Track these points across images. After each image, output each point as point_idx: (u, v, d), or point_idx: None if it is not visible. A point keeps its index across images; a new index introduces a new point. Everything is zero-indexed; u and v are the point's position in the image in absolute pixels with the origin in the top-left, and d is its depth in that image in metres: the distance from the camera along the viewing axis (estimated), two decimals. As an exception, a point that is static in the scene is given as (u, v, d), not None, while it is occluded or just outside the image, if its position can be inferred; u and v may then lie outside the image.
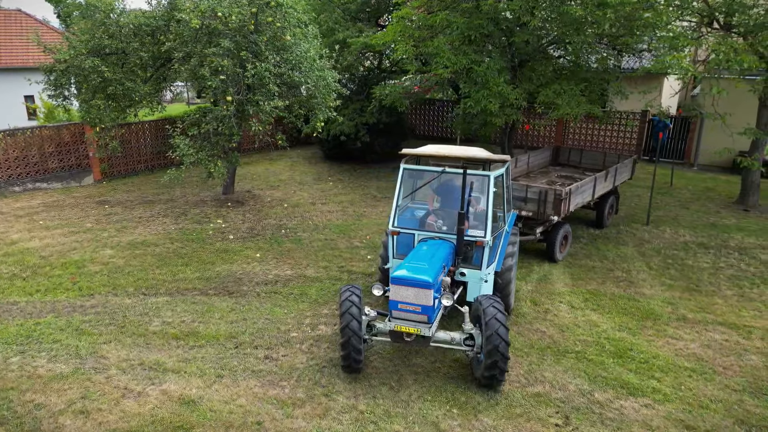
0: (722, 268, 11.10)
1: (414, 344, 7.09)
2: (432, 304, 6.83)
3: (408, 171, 8.59)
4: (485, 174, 8.10)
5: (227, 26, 11.14)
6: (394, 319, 6.99)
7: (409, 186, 8.70)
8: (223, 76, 10.97)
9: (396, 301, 6.92)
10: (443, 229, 8.23)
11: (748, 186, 15.03)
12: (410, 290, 6.81)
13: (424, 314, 6.83)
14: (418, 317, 6.87)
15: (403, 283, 6.84)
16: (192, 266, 11.00)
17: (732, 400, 6.85)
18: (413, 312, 6.86)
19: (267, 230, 13.14)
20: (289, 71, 11.35)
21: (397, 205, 8.36)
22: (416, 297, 6.80)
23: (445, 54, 12.64)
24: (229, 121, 11.41)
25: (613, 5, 11.08)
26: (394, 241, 8.43)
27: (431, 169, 8.45)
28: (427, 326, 6.86)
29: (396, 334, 6.99)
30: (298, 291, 9.94)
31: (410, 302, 6.84)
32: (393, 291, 6.93)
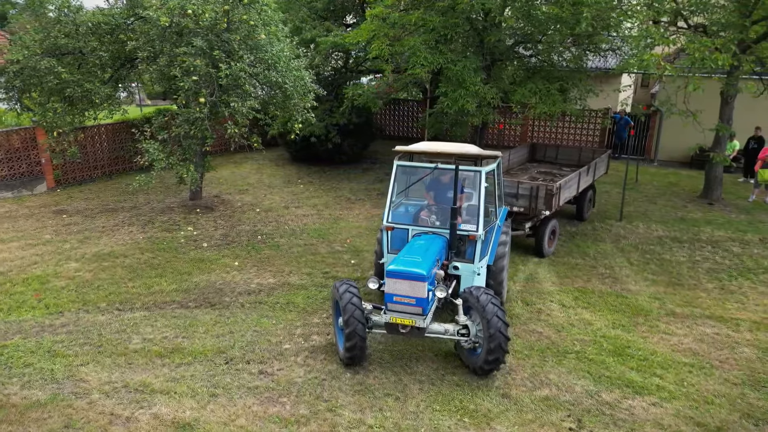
0: (699, 262, 11.36)
1: (409, 336, 7.25)
2: (426, 297, 7.01)
3: (401, 167, 8.69)
4: (477, 169, 8.23)
5: (198, 24, 10.62)
6: (389, 311, 7.18)
7: (402, 182, 8.87)
8: (195, 77, 10.44)
9: (391, 294, 7.10)
10: (436, 224, 8.42)
11: (712, 180, 15.52)
12: (405, 283, 7.00)
13: (419, 306, 7.01)
14: (412, 309, 7.05)
15: (397, 276, 7.02)
16: (167, 277, 10.42)
17: (734, 395, 6.94)
18: (408, 304, 7.05)
19: (242, 237, 12.64)
20: (265, 71, 10.91)
21: (391, 201, 8.51)
22: (411, 289, 6.98)
23: (422, 53, 12.47)
24: (202, 123, 10.88)
25: (589, 4, 11.17)
26: (388, 236, 8.56)
27: (424, 165, 8.60)
28: (421, 318, 7.04)
29: (391, 326, 7.18)
30: (284, 300, 9.55)
31: (405, 295, 7.02)
32: (388, 284, 7.10)
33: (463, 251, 8.22)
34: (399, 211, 8.88)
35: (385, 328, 7.30)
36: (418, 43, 12.48)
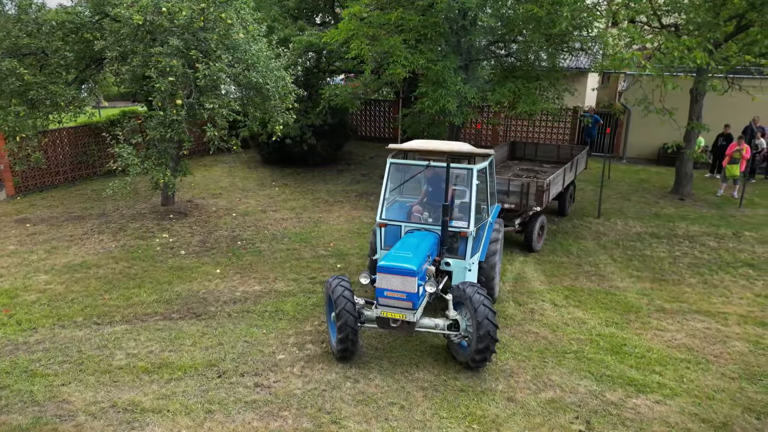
0: (679, 257, 11.58)
1: (400, 330, 7.32)
2: (416, 291, 7.14)
3: (395, 165, 8.86)
4: (468, 167, 8.40)
5: (173, 23, 10.20)
6: (380, 306, 7.31)
7: (395, 180, 8.99)
8: (172, 78, 10.01)
9: (382, 288, 7.23)
10: (429, 221, 8.56)
11: (682, 176, 15.91)
12: (395, 278, 7.12)
13: (409, 301, 7.14)
14: (403, 304, 7.18)
15: (388, 271, 7.15)
16: (146, 288, 9.96)
17: (733, 389, 7.03)
18: (399, 299, 7.17)
19: (221, 243, 12.23)
20: (245, 71, 10.57)
21: (384, 198, 8.65)
22: (401, 284, 7.11)
23: (402, 53, 12.32)
24: (179, 126, 10.45)
25: (568, 3, 11.24)
26: (381, 232, 8.67)
27: (417, 163, 8.81)
28: (411, 312, 7.17)
29: (382, 320, 7.29)
30: (272, 308, 9.24)
31: (396, 289, 7.15)
32: (379, 279, 7.23)
33: (455, 248, 8.37)
34: (392, 208, 9.05)
35: (376, 323, 7.38)
36: (398, 42, 12.32)
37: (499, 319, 8.84)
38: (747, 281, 10.35)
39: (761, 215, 14.29)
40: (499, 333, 8.39)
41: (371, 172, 18.60)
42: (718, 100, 15.82)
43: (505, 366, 7.55)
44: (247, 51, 10.67)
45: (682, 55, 10.42)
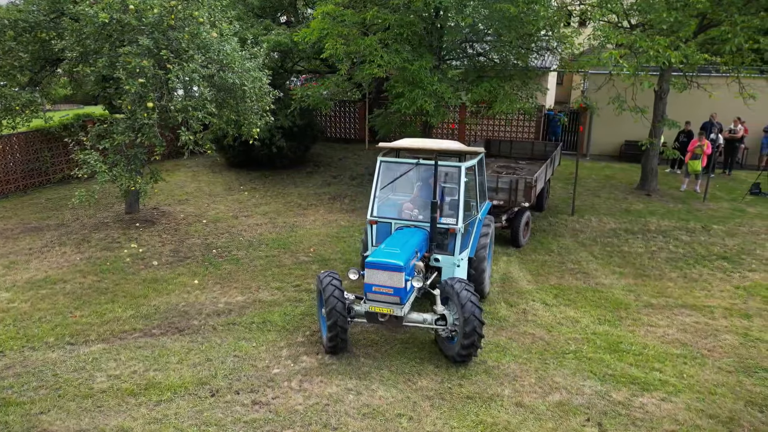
0: (656, 252, 11.81)
1: (388, 324, 7.51)
2: (403, 286, 7.24)
3: (385, 163, 8.94)
4: (457, 165, 8.53)
5: (141, 21, 9.65)
6: (369, 300, 7.44)
7: (386, 178, 9.03)
8: (142, 79, 9.46)
9: (370, 284, 7.35)
10: (419, 217, 8.69)
11: (648, 172, 16.30)
12: (383, 273, 7.25)
13: (397, 296, 7.26)
14: (390, 299, 7.30)
15: (376, 267, 7.28)
16: (120, 303, 9.39)
17: (732, 383, 7.14)
18: (386, 294, 7.29)
19: (195, 251, 11.69)
20: (219, 72, 10.10)
21: (375, 196, 8.74)
22: (389, 279, 7.23)
23: (378, 52, 12.08)
24: (150, 130, 9.90)
25: (543, 3, 11.28)
26: (372, 229, 8.77)
27: (406, 161, 8.96)
28: (399, 307, 7.30)
29: (371, 315, 7.46)
30: (259, 319, 8.85)
31: (383, 284, 7.27)
32: (367, 274, 7.35)
33: (445, 244, 8.47)
34: (385, 206, 9.15)
35: (365, 317, 7.55)
36: (374, 42, 12.08)
37: (493, 321, 8.78)
38: (724, 274, 10.63)
39: (725, 209, 14.78)
40: (497, 336, 8.34)
41: (342, 173, 18.29)
42: (677, 97, 16.31)
43: (508, 369, 7.44)
44: (221, 51, 10.21)
45: (657, 54, 10.63)
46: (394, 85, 12.84)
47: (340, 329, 7.38)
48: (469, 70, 14.16)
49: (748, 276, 10.48)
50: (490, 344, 8.07)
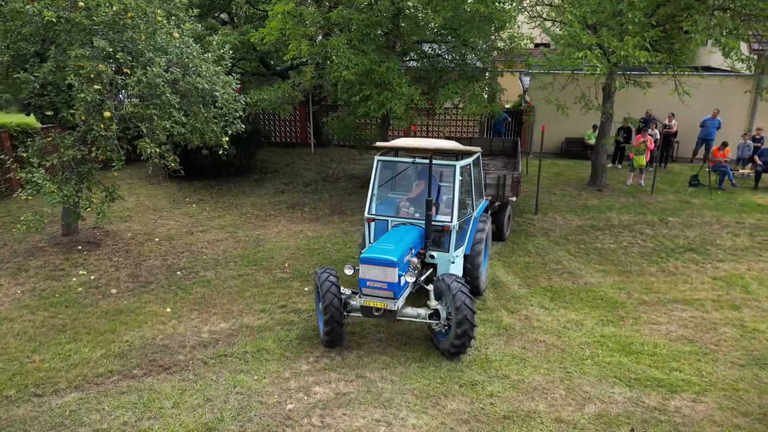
0: (628, 247, 12.08)
1: (382, 318, 7.67)
2: (397, 281, 7.42)
3: (382, 162, 9.12)
4: (452, 164, 8.69)
5: (92, 20, 8.52)
6: (363, 295, 7.62)
7: (384, 177, 9.31)
8: (98, 86, 8.34)
9: (365, 279, 7.53)
10: (416, 215, 8.87)
11: (598, 169, 16.79)
12: (377, 269, 7.41)
13: (390, 290, 7.45)
14: (384, 293, 7.49)
15: (370, 262, 7.45)
16: (85, 341, 8.23)
17: (749, 377, 7.28)
18: (380, 288, 7.47)
19: (157, 275, 10.58)
20: (186, 76, 9.13)
21: (372, 195, 8.93)
22: (382, 275, 7.41)
23: (345, 53, 11.50)
24: (107, 143, 8.78)
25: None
26: (370, 227, 8.92)
27: (403, 160, 9.17)
28: (393, 301, 7.48)
29: (366, 309, 7.63)
30: (252, 348, 8.05)
31: (377, 279, 7.44)
32: (362, 270, 7.53)
33: (441, 241, 8.65)
34: (383, 204, 9.42)
35: (360, 312, 7.72)
36: (341, 42, 11.47)
37: (500, 330, 8.52)
38: (697, 265, 11.02)
39: (672, 200, 15.48)
40: (509, 346, 8.08)
41: (293, 180, 17.45)
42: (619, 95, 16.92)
43: (534, 382, 7.18)
44: (184, 53, 9.23)
45: (627, 54, 10.84)
46: (361, 87, 12.29)
47: (336, 324, 7.62)
48: (430, 71, 13.87)
49: (719, 267, 10.92)
50: (506, 355, 7.79)
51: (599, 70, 10.92)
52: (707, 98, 18.19)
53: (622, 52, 10.88)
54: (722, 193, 16.05)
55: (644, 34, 11.11)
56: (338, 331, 7.73)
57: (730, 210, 14.46)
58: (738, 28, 11.09)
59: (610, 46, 11.24)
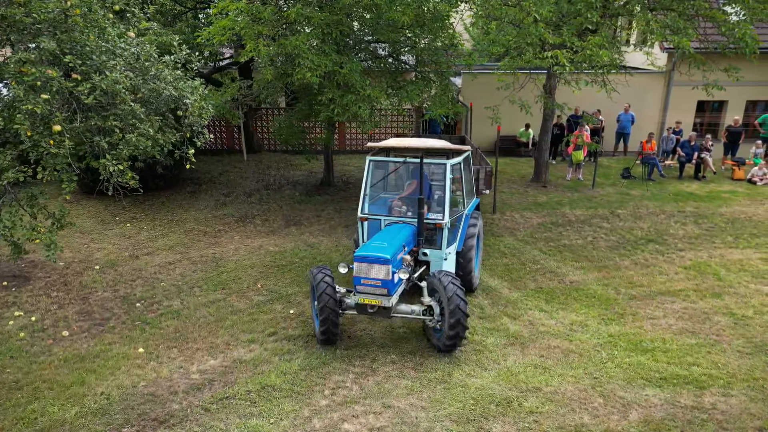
0: (594, 242, 12.34)
1: (376, 315, 7.75)
2: (390, 278, 7.49)
3: (374, 162, 9.24)
4: (443, 162, 8.85)
5: (34, 17, 7.17)
6: (358, 293, 7.71)
7: (376, 176, 9.42)
8: (46, 95, 7.03)
9: (359, 276, 7.61)
10: (408, 214, 9.00)
11: (541, 165, 17.18)
12: (371, 266, 7.50)
13: (384, 287, 7.54)
14: (378, 290, 7.58)
15: (364, 260, 7.53)
16: (49, 399, 6.91)
17: (760, 365, 7.53)
18: (374, 286, 7.55)
19: (113, 309, 9.24)
20: (149, 83, 7.96)
21: (365, 194, 9.07)
22: (376, 272, 7.50)
23: (307, 55, 10.72)
24: (57, 161, 7.45)
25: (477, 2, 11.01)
26: (363, 226, 9.04)
27: (394, 159, 9.33)
28: (387, 298, 7.58)
29: (361, 307, 7.70)
30: (255, 386, 7.16)
31: (371, 277, 7.53)
32: (356, 268, 7.61)
33: (433, 239, 8.79)
34: (377, 203, 9.56)
35: (355, 309, 7.77)
36: (302, 42, 10.67)
37: (509, 338, 8.27)
38: (663, 256, 11.45)
39: (612, 193, 16.14)
40: (526, 355, 7.84)
41: (233, 190, 16.23)
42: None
43: (567, 392, 6.96)
44: (141, 55, 8.05)
45: (592, 53, 11.02)
46: (322, 90, 11.54)
47: (331, 323, 7.67)
48: (384, 73, 13.40)
49: (683, 256, 11.42)
50: (528, 366, 7.53)
51: (567, 69, 11.00)
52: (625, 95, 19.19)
53: (588, 52, 11.06)
54: (653, 183, 16.99)
55: (603, 33, 11.38)
56: (333, 330, 7.76)
57: (667, 199, 15.32)
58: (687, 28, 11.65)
59: (574, 46, 11.39)
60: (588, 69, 12.48)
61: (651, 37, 12.98)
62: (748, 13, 12.26)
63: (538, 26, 10.93)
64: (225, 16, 11.04)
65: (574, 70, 11.29)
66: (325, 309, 7.59)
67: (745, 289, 9.81)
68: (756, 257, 11.22)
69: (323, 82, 11.35)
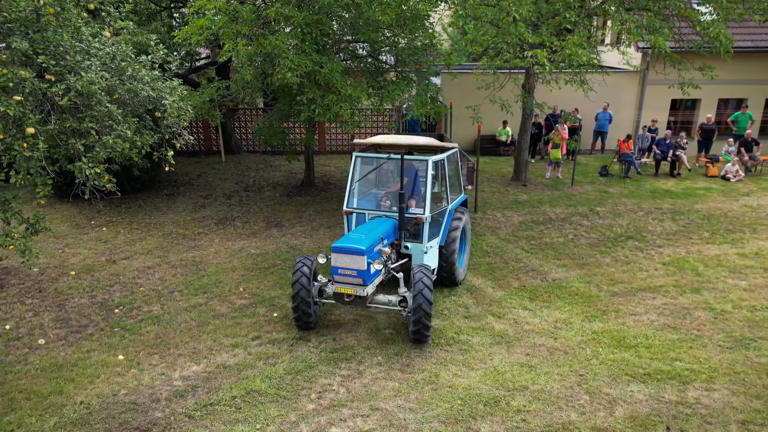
0: (574, 239, 12.44)
1: (353, 305, 8.03)
2: (366, 269, 7.81)
3: (360, 158, 9.57)
4: (424, 159, 9.13)
5: (3, 16, 6.96)
6: (335, 282, 8.06)
7: (362, 172, 9.69)
8: (19, 96, 6.81)
9: (336, 267, 7.95)
10: (393, 209, 9.26)
11: (521, 164, 17.29)
12: (347, 257, 7.84)
13: (360, 277, 7.85)
14: (354, 280, 7.89)
15: (340, 251, 7.89)
16: (27, 409, 6.70)
17: (741, 359, 7.65)
18: (350, 276, 7.87)
19: (90, 316, 9.01)
20: (120, 82, 7.77)
21: (350, 189, 9.40)
22: (352, 262, 7.82)
23: (287, 54, 10.60)
24: (31, 164, 7.23)
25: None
26: (349, 220, 9.41)
27: (379, 156, 9.59)
28: (362, 287, 7.88)
29: (338, 296, 8.02)
30: (239, 391, 7.04)
31: (347, 267, 7.86)
32: (333, 258, 7.95)
33: (418, 233, 9.08)
34: (365, 198, 9.94)
35: (333, 298, 8.10)
36: (282, 42, 10.54)
37: (495, 338, 8.29)
38: (642, 252, 11.59)
39: (591, 191, 16.32)
40: (512, 354, 7.87)
41: (211, 192, 16.01)
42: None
43: (554, 390, 6.98)
44: (116, 55, 7.86)
45: (571, 53, 11.11)
46: (303, 90, 11.44)
47: (302, 311, 8.09)
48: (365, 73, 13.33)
49: (661, 252, 11.58)
50: (514, 365, 7.55)
51: (548, 69, 11.07)
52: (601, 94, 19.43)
53: (567, 51, 11.14)
54: (630, 181, 17.23)
55: (580, 32, 11.49)
56: (306, 318, 8.14)
57: (645, 196, 15.55)
58: (662, 28, 11.83)
59: (553, 46, 11.48)
60: (567, 68, 12.58)
61: (627, 37, 13.19)
62: (721, 13, 12.49)
63: (517, 26, 10.97)
64: (202, 16, 10.87)
65: (554, 69, 11.35)
66: (296, 297, 8.00)
67: (723, 284, 9.98)
68: (732, 252, 11.43)
69: (303, 82, 11.24)
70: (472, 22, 14.12)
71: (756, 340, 8.11)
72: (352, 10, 11.85)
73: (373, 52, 13.65)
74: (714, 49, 12.60)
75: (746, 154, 18.03)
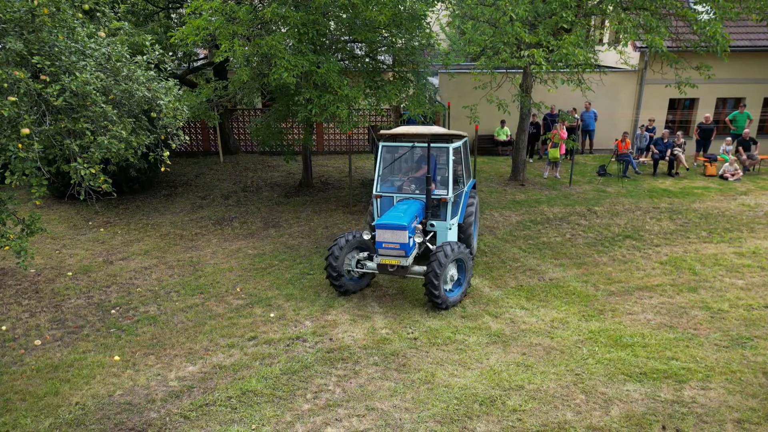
0: (572, 239, 12.44)
1: (395, 273, 9.01)
2: (407, 242, 8.82)
3: (386, 147, 10.43)
4: (446, 146, 10.05)
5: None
6: (380, 255, 9.00)
7: (387, 160, 10.52)
8: (13, 97, 6.81)
9: (381, 241, 8.89)
10: (416, 192, 10.21)
11: (519, 164, 17.28)
12: (390, 232, 8.81)
13: (402, 250, 8.85)
14: (397, 252, 8.88)
15: (384, 227, 8.84)
16: (21, 410, 6.69)
17: (737, 358, 7.64)
18: (393, 248, 8.86)
19: (87, 317, 9.01)
20: (115, 82, 7.77)
21: (379, 175, 10.29)
22: (395, 237, 8.79)
23: (284, 54, 10.60)
24: (26, 165, 7.23)
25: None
26: (378, 203, 10.26)
27: (403, 144, 10.52)
28: (405, 258, 8.89)
29: (382, 267, 9.04)
30: (235, 392, 7.04)
31: (391, 241, 8.82)
32: (378, 234, 8.90)
33: (440, 213, 10.02)
34: (388, 183, 10.62)
35: (377, 269, 9.09)
36: (278, 42, 10.54)
37: (491, 337, 8.30)
38: (640, 252, 11.59)
39: (589, 190, 16.32)
40: (509, 353, 7.87)
41: (209, 193, 16.01)
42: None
43: (550, 389, 6.97)
44: (112, 56, 7.86)
45: (568, 53, 11.11)
46: (299, 90, 11.43)
47: (332, 277, 9.26)
48: (362, 73, 13.33)
49: (659, 251, 11.57)
50: (511, 364, 7.54)
51: (544, 68, 11.07)
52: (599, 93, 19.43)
53: (564, 51, 11.14)
54: (628, 180, 17.23)
55: (577, 32, 11.49)
56: (334, 281, 9.30)
57: (642, 196, 15.54)
58: (659, 27, 11.82)
59: (550, 45, 11.47)
60: (564, 68, 12.57)
61: (624, 36, 13.19)
62: (718, 12, 12.49)
63: (514, 25, 10.96)
64: (199, 16, 10.86)
65: (550, 69, 11.35)
66: (329, 267, 9.17)
67: (720, 283, 9.97)
68: (730, 251, 11.42)
69: (300, 83, 11.24)
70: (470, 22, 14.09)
71: (752, 339, 8.10)
72: (349, 10, 11.85)
73: (370, 52, 13.64)
74: (711, 48, 12.59)
75: (744, 153, 18.03)
